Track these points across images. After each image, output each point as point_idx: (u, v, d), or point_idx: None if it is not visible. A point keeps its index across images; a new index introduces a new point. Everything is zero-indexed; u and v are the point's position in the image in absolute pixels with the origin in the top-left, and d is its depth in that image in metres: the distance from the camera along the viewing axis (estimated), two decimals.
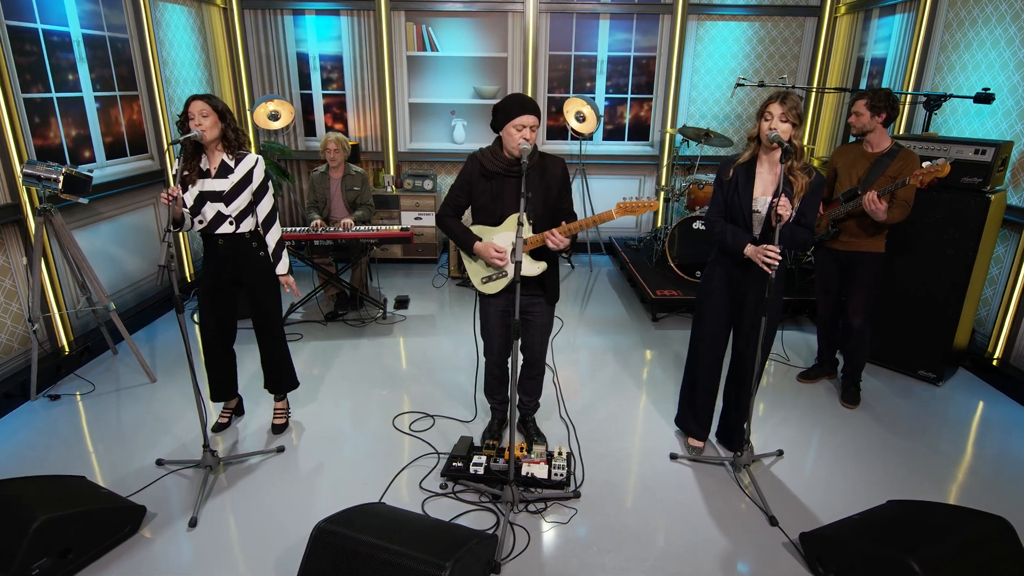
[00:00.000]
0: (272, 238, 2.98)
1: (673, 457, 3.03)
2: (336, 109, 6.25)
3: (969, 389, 3.77)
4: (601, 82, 6.19)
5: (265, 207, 2.93)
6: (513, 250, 2.37)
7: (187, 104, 2.70)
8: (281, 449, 3.05)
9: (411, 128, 6.35)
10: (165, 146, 4.74)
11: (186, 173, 2.78)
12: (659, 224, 6.42)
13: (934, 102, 3.97)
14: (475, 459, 2.83)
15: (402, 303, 5.05)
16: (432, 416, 3.39)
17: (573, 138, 6.32)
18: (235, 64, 5.98)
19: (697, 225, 4.88)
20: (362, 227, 4.57)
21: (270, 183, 2.95)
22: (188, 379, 3.64)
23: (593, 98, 6.05)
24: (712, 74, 6.13)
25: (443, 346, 4.33)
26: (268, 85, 6.12)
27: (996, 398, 3.67)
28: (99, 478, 2.83)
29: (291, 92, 6.14)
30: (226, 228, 2.85)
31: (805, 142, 5.97)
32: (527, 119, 2.47)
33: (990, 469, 3.02)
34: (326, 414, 3.42)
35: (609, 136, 6.39)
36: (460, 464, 2.83)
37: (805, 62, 6.05)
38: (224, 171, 2.81)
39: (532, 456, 2.85)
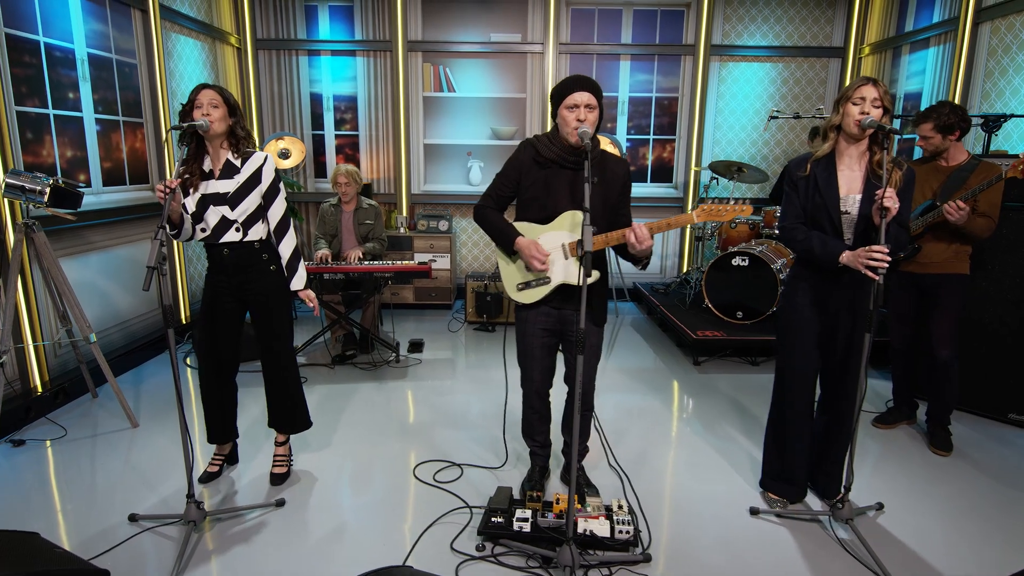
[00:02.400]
0: (286, 248, 2.60)
1: (754, 512, 2.52)
2: (348, 150, 6.04)
3: None
4: (623, 123, 6.02)
5: (277, 212, 2.57)
6: (578, 242, 1.94)
7: (195, 92, 2.39)
8: (281, 502, 2.54)
9: (426, 169, 6.12)
10: (163, 135, 4.41)
11: (187, 176, 2.43)
12: (686, 268, 6.09)
13: (993, 123, 3.71)
14: (518, 513, 2.33)
15: (416, 346, 4.61)
16: (459, 465, 2.89)
17: None
18: (246, 104, 5.80)
19: (737, 261, 4.53)
20: (375, 261, 4.20)
21: (282, 185, 2.60)
22: (175, 425, 3.19)
23: (615, 137, 5.85)
24: (736, 115, 5.97)
25: (464, 390, 3.86)
26: (279, 125, 5.92)
27: None
28: (61, 536, 2.32)
29: (303, 132, 5.94)
30: (232, 236, 2.47)
31: None
32: (581, 96, 2.15)
33: None
34: (335, 462, 2.92)
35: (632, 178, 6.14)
36: (500, 520, 2.33)
37: (831, 102, 5.90)
38: (229, 171, 2.46)
39: (588, 510, 2.34)
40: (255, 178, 2.49)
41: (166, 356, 4.36)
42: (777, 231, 4.73)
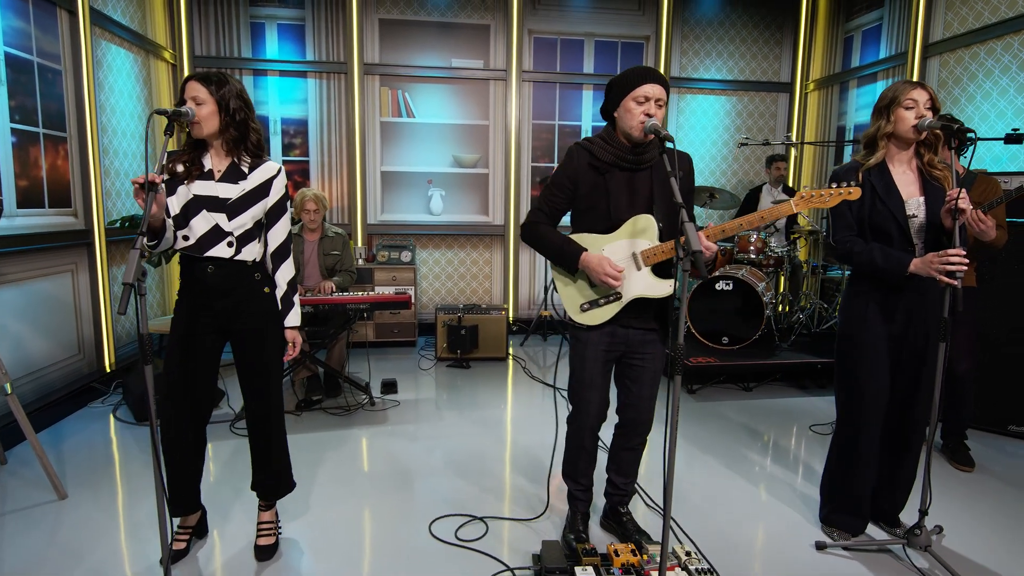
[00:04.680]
0: (284, 276, 2.17)
1: (820, 547, 2.30)
2: (298, 177, 5.56)
3: None
4: None
5: (280, 234, 2.16)
6: (683, 241, 1.66)
7: (183, 85, 1.99)
8: None
9: (383, 198, 5.73)
10: (143, 129, 3.74)
11: (179, 168, 1.99)
12: None
13: (963, 145, 3.88)
14: (579, 573, 1.98)
15: (390, 387, 4.15)
16: (482, 519, 2.49)
17: None
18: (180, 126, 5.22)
19: (721, 286, 4.45)
20: (344, 293, 3.77)
21: (289, 204, 2.19)
22: (111, 494, 2.60)
23: None
24: (695, 145, 6.06)
25: (458, 433, 3.46)
26: None
27: None
28: None
29: None
30: (221, 251, 2.03)
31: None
32: (651, 89, 1.94)
33: None
34: (330, 526, 2.44)
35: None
36: None
37: (781, 133, 6.13)
38: (234, 174, 2.04)
39: (658, 562, 2.03)
40: (262, 190, 2.07)
41: (88, 411, 3.66)
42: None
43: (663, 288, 2.03)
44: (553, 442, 2.38)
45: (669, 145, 1.82)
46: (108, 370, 4.06)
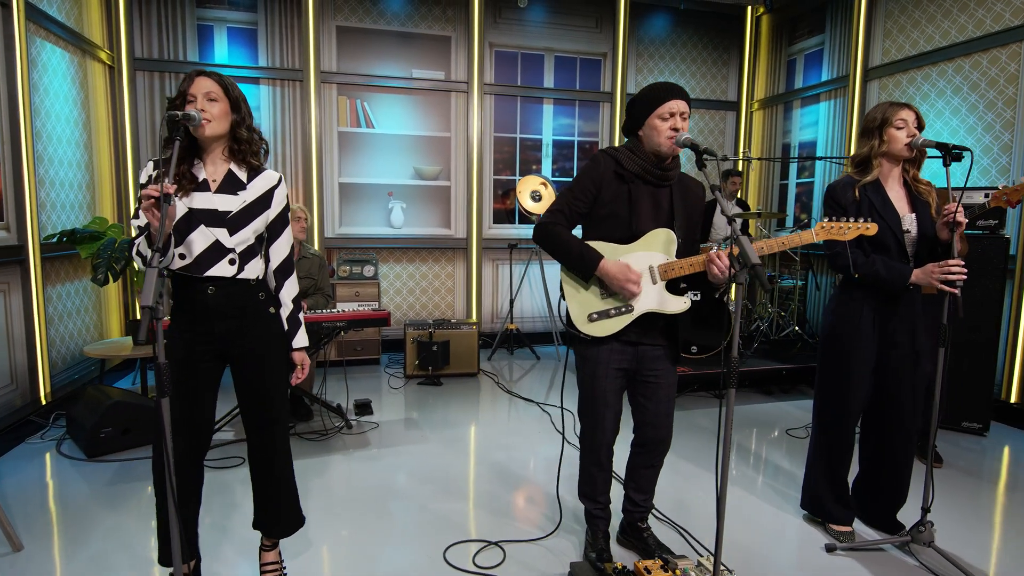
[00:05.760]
0: (289, 294, 2.02)
1: (830, 550, 2.37)
2: None
3: (1010, 436, 3.65)
4: (547, 165, 5.98)
5: (283, 249, 2.00)
6: (739, 254, 1.63)
7: (186, 82, 1.80)
8: None
9: (341, 210, 5.52)
10: (79, 135, 3.37)
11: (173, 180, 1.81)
12: None
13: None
14: None
15: (364, 408, 3.96)
16: (497, 544, 2.39)
17: (521, 222, 5.93)
18: (118, 131, 4.84)
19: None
20: (321, 311, 3.58)
21: (290, 214, 2.04)
22: (71, 544, 2.34)
23: (546, 176, 5.77)
24: None
25: (444, 453, 3.34)
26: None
27: None
28: None
29: None
30: (223, 269, 1.85)
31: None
32: (677, 104, 1.96)
33: None
34: (337, 561, 2.28)
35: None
36: None
37: (729, 149, 6.42)
38: (232, 184, 1.87)
39: (694, 574, 2.02)
40: (264, 201, 1.91)
41: (27, 448, 3.27)
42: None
43: (677, 304, 2.04)
44: (558, 457, 2.33)
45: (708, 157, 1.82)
46: (44, 401, 3.65)
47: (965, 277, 2.10)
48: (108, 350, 3.86)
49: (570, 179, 6.00)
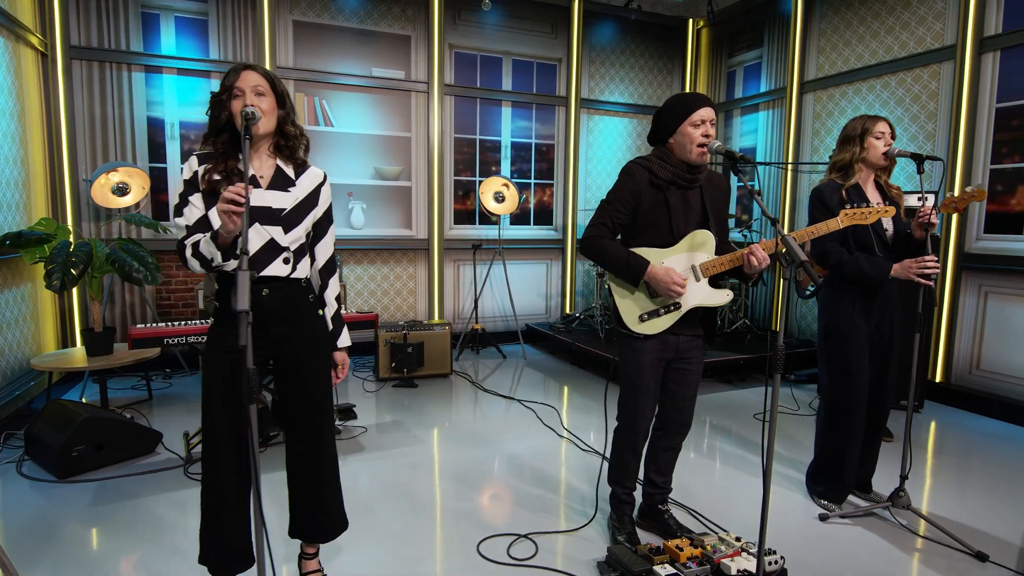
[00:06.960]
0: (333, 292, 2.00)
1: (824, 518, 2.62)
2: None
3: (939, 412, 4.14)
4: (506, 166, 6.07)
5: (328, 247, 1.98)
6: (786, 251, 1.78)
7: (231, 76, 1.74)
8: None
9: None
10: (14, 128, 3.05)
11: (216, 177, 1.74)
12: (569, 310, 6.28)
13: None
14: (659, 571, 2.06)
15: (348, 413, 3.88)
16: (528, 537, 2.45)
17: (482, 222, 5.98)
18: (52, 125, 4.44)
19: None
20: None
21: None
22: (69, 570, 2.16)
23: (506, 176, 5.85)
24: (603, 163, 6.47)
25: (443, 451, 3.35)
26: (104, 154, 4.64)
27: (971, 415, 4.05)
28: None
29: (137, 165, 4.73)
30: (278, 268, 1.81)
31: None
32: (707, 112, 2.11)
33: None
34: (374, 563, 2.26)
35: (515, 220, 6.20)
36: None
37: None
38: (282, 181, 1.83)
39: (724, 549, 2.18)
40: (312, 198, 1.88)
41: None
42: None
43: (721, 298, 2.21)
44: (563, 452, 2.43)
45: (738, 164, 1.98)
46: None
47: (939, 270, 2.40)
48: (59, 362, 3.55)
49: (528, 180, 6.13)
